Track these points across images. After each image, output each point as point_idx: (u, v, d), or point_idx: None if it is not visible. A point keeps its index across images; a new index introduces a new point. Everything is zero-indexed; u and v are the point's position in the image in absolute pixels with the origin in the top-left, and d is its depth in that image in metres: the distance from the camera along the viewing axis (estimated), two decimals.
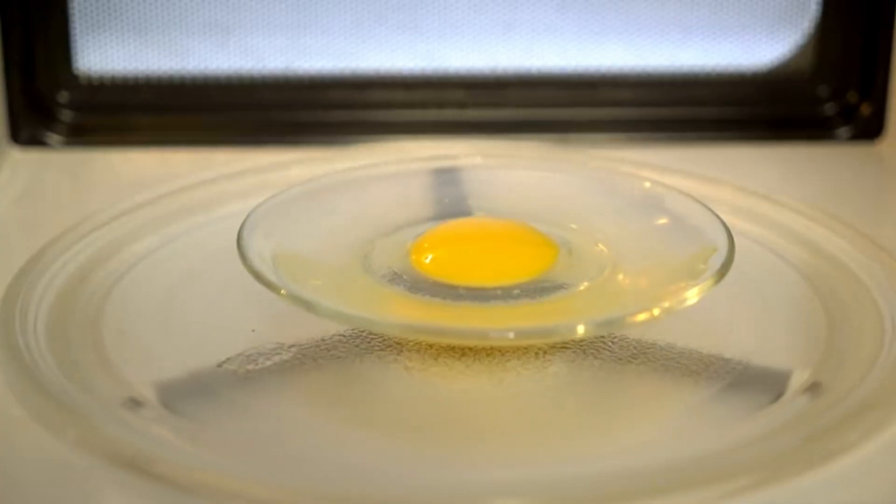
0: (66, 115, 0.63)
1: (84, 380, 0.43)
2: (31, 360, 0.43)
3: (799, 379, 0.44)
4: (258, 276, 0.45)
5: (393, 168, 0.55)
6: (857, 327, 0.46)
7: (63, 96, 0.63)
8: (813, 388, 0.43)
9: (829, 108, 0.65)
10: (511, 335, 0.43)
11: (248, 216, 0.48)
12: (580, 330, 0.43)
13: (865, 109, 0.64)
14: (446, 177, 0.54)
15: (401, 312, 0.46)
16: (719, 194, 0.55)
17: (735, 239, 0.47)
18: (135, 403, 0.42)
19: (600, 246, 0.49)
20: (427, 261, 0.48)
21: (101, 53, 0.64)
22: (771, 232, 0.53)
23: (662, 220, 0.50)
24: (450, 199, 0.53)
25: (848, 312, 0.47)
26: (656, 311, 0.44)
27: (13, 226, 0.56)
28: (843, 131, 0.64)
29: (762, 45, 0.65)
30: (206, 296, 0.49)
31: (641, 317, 0.44)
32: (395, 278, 0.47)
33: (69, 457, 0.40)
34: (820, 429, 0.41)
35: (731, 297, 0.48)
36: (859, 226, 0.52)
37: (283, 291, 0.44)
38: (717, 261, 0.46)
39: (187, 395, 0.43)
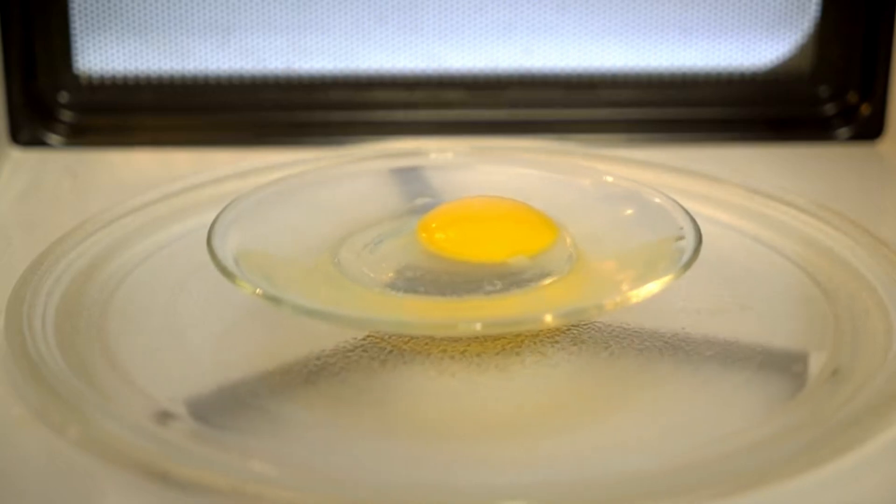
0: (67, 115, 0.63)
1: (91, 378, 0.43)
2: (39, 360, 0.43)
3: (802, 377, 0.44)
4: (229, 276, 0.45)
5: (361, 166, 0.55)
6: (863, 326, 0.47)
7: (63, 96, 0.63)
8: (815, 386, 0.43)
9: (829, 109, 0.65)
10: (478, 326, 0.44)
11: (216, 217, 0.48)
12: (547, 319, 0.44)
13: (865, 109, 0.64)
14: (414, 173, 0.54)
15: (372, 309, 0.46)
16: (720, 194, 0.55)
17: (736, 238, 0.47)
18: (142, 402, 0.42)
19: (567, 239, 0.49)
20: (441, 237, 0.48)
21: (101, 53, 0.64)
22: (773, 231, 0.53)
23: (628, 212, 0.50)
24: (418, 196, 0.53)
25: (854, 311, 0.47)
26: (620, 301, 0.44)
27: (14, 226, 0.56)
28: (843, 131, 0.64)
29: (762, 45, 0.65)
30: (212, 294, 0.48)
31: (609, 306, 0.44)
32: (365, 275, 0.47)
33: (72, 455, 0.40)
34: (821, 428, 0.41)
35: (736, 297, 0.48)
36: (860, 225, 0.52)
37: (257, 290, 0.44)
38: (684, 249, 0.46)
39: (192, 391, 0.43)
